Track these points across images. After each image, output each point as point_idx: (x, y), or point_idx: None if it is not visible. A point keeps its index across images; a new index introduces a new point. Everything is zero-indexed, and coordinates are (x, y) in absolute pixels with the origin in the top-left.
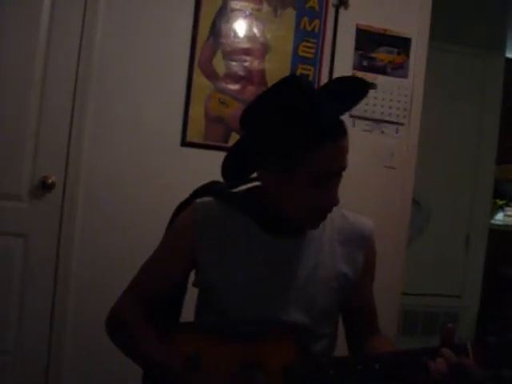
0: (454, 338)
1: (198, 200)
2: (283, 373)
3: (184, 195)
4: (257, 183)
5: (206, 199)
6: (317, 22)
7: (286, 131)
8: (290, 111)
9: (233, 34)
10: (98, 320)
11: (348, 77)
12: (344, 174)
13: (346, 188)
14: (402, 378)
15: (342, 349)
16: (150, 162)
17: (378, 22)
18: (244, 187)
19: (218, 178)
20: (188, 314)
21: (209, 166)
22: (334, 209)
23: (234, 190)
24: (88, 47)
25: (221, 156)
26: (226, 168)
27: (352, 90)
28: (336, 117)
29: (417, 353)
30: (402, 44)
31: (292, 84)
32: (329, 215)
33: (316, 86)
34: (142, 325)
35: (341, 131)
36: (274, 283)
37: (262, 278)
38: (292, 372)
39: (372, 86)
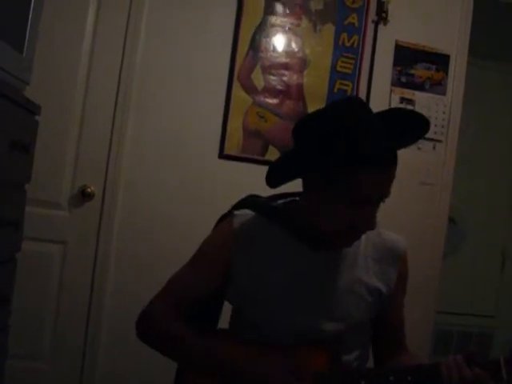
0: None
1: (237, 212)
2: (314, 380)
3: (221, 207)
4: (294, 198)
5: (245, 211)
6: (356, 37)
7: (337, 151)
8: (345, 132)
9: (272, 49)
10: (133, 327)
11: (412, 112)
12: None
13: (382, 204)
14: None
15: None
16: (187, 173)
17: (416, 38)
18: (282, 201)
19: (255, 190)
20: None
21: (246, 179)
22: None
23: (272, 204)
24: (130, 60)
25: (258, 169)
26: (270, 173)
27: (414, 129)
28: (391, 147)
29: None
30: (441, 60)
31: (353, 106)
32: None
33: None
34: (174, 321)
35: (391, 160)
36: (309, 295)
37: (298, 290)
38: (322, 380)
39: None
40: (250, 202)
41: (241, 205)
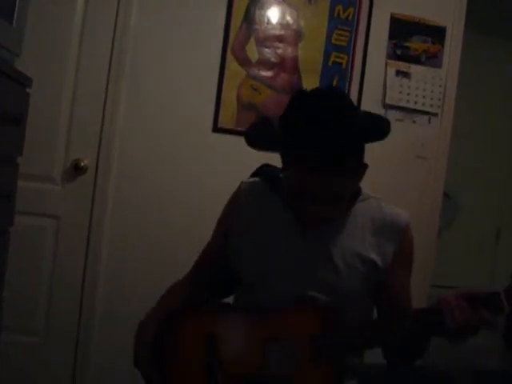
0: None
1: (246, 180)
2: (310, 342)
3: (214, 179)
4: None
5: (253, 179)
6: (351, 9)
7: (281, 140)
8: (289, 126)
9: (266, 21)
10: (126, 302)
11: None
12: (375, 162)
13: (377, 177)
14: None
15: None
16: (181, 146)
17: (412, 10)
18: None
19: (249, 163)
20: None
21: (240, 152)
22: (373, 199)
23: (280, 174)
24: (122, 31)
25: None
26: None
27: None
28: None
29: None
30: (437, 33)
31: (313, 101)
32: (365, 204)
33: (349, 75)
34: (180, 284)
35: (329, 162)
36: (300, 262)
37: (287, 257)
38: (320, 341)
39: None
40: (262, 171)
41: (256, 173)
